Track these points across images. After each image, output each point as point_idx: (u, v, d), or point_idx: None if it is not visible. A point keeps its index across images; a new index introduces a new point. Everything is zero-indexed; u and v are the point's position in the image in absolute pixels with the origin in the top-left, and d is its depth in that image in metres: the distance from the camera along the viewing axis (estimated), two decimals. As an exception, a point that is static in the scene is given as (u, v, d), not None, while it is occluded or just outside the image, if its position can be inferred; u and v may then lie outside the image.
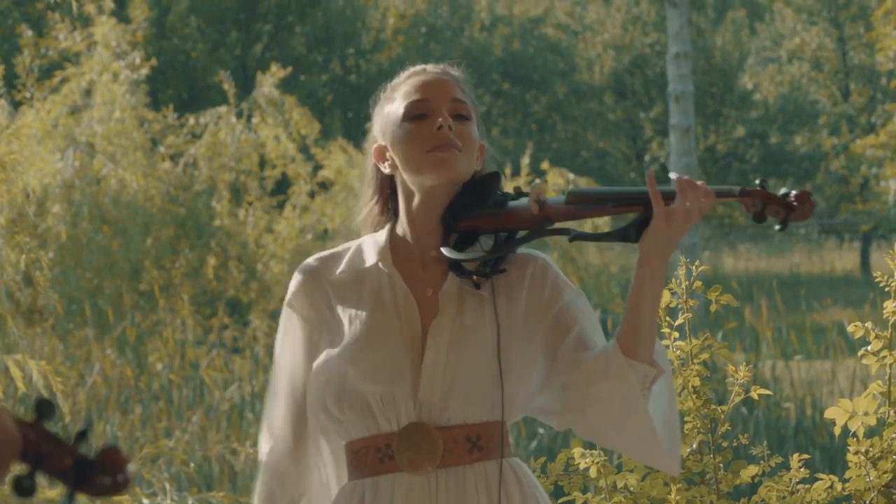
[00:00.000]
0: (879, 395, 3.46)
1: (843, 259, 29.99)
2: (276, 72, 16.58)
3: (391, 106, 2.78)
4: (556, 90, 31.17)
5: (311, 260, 2.83)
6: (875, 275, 3.50)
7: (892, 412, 3.46)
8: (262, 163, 16.15)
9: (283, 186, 16.78)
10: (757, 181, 2.65)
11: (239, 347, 12.99)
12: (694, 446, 3.59)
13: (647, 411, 2.60)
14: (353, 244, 2.83)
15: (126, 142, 15.39)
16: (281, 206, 16.44)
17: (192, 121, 16.29)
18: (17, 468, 1.56)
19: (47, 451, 1.56)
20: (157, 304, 14.19)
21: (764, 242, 32.00)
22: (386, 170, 2.78)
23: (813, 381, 11.50)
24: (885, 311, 3.45)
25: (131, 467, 1.58)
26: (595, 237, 2.74)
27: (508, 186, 17.79)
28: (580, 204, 2.68)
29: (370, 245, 2.80)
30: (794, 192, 2.61)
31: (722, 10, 33.92)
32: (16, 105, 16.57)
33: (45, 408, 1.55)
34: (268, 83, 16.40)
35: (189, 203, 15.52)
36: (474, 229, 2.70)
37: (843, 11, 30.58)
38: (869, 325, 3.47)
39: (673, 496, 3.51)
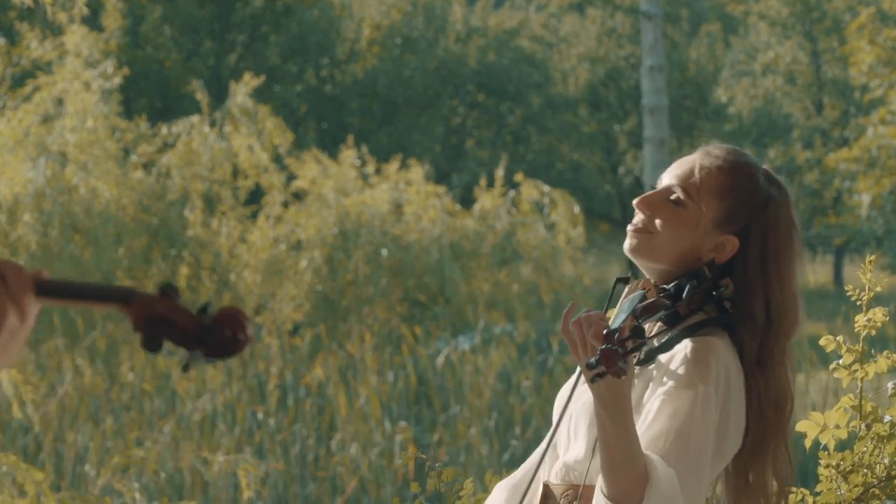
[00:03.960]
0: (851, 409, 3.45)
1: (816, 272, 30.10)
2: (250, 81, 16.55)
3: None
4: (531, 102, 31.20)
5: None
6: (847, 288, 3.49)
7: (863, 426, 3.45)
8: (236, 172, 16.11)
9: (256, 196, 16.74)
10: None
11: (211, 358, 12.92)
12: (665, 459, 3.57)
13: None
14: None
15: (98, 151, 15.34)
16: (254, 216, 16.40)
17: (164, 130, 16.25)
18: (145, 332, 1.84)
19: (174, 317, 1.82)
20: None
21: (737, 255, 32.03)
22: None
23: (785, 394, 11.50)
24: (856, 325, 3.44)
25: (251, 329, 1.82)
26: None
27: (485, 198, 17.41)
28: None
29: None
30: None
31: (696, 23, 34.03)
32: (-12, 113, 16.50)
33: (168, 288, 1.83)
34: (241, 92, 16.37)
35: (162, 212, 15.47)
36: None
37: (817, 25, 30.71)
38: (840, 338, 3.46)
39: (644, 509, 3.49)
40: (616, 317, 2.58)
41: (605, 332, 2.44)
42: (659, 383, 2.67)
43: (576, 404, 2.79)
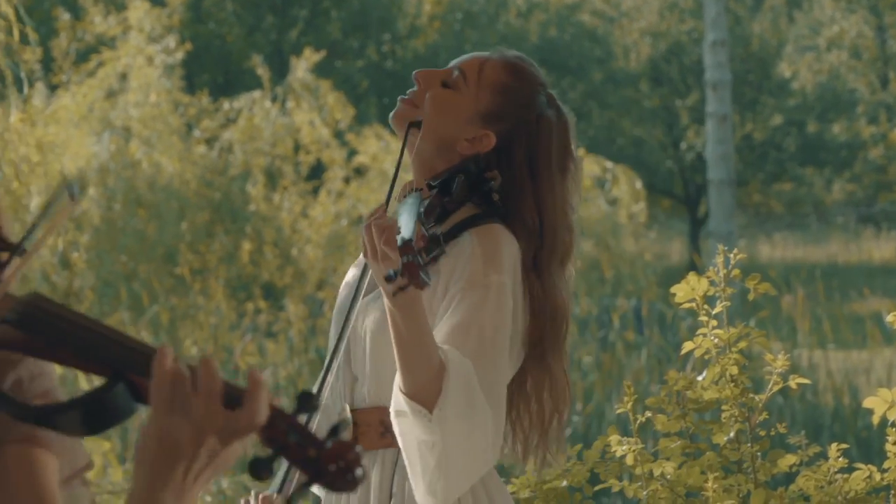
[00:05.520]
0: (919, 385, 3.42)
1: (881, 248, 29.79)
2: (311, 56, 16.58)
3: None
4: (593, 77, 31.06)
5: None
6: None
7: (932, 402, 3.42)
8: (297, 147, 16.16)
9: (317, 171, 16.78)
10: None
11: (273, 332, 13.00)
12: (731, 435, 3.56)
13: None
14: None
15: (161, 126, 15.42)
16: (316, 191, 16.44)
17: (226, 105, 16.31)
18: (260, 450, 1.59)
19: (292, 440, 1.57)
20: (191, 289, 14.21)
21: (801, 231, 31.84)
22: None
23: (849, 371, 11.43)
24: (926, 300, 3.41)
25: (360, 470, 1.57)
26: None
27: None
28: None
29: None
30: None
31: (760, -3, 33.71)
32: (53, 88, 16.63)
33: (305, 401, 1.57)
34: (302, 67, 16.40)
35: (224, 187, 15.54)
36: None
37: (883, -1, 30.37)
38: (908, 314, 3.43)
39: (710, 484, 3.48)
40: (401, 222, 2.50)
41: (400, 242, 2.38)
42: (449, 278, 2.64)
43: (367, 319, 2.73)
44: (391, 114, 2.80)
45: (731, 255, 3.61)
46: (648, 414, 3.61)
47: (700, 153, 28.76)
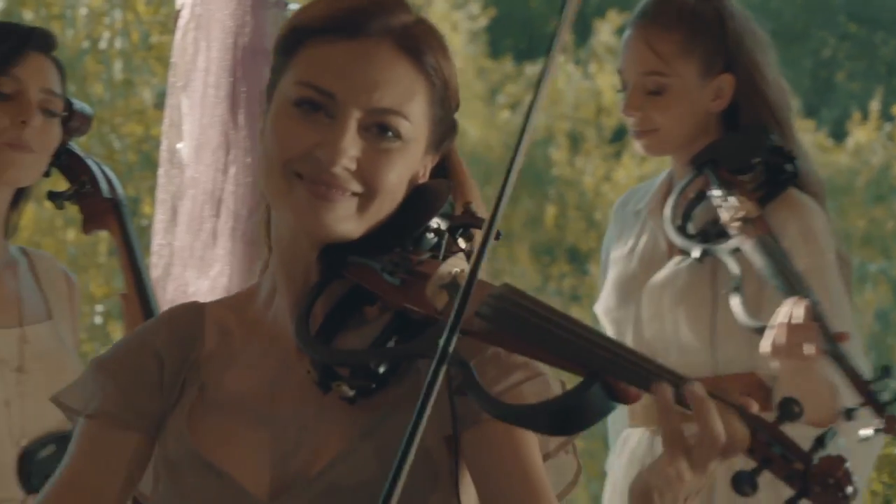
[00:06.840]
0: None
1: None
2: (614, 18, 16.50)
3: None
4: (906, 31, 29.98)
5: None
6: None
7: None
8: (599, 111, 16.10)
9: (620, 135, 16.70)
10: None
11: (577, 296, 13.00)
12: None
13: None
14: None
15: (466, 91, 15.50)
16: (618, 154, 16.35)
17: (529, 70, 16.38)
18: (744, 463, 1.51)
19: (776, 453, 1.49)
20: (495, 252, 14.35)
21: None
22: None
23: None
24: None
25: (852, 489, 1.47)
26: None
27: (859, 133, 17.11)
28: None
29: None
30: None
31: None
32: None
33: (788, 408, 1.48)
34: (605, 30, 16.34)
35: (528, 152, 15.56)
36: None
37: None
38: None
39: None
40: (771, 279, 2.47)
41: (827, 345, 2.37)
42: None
43: (665, 295, 2.68)
44: (645, 152, 2.84)
45: None
46: None
47: None
